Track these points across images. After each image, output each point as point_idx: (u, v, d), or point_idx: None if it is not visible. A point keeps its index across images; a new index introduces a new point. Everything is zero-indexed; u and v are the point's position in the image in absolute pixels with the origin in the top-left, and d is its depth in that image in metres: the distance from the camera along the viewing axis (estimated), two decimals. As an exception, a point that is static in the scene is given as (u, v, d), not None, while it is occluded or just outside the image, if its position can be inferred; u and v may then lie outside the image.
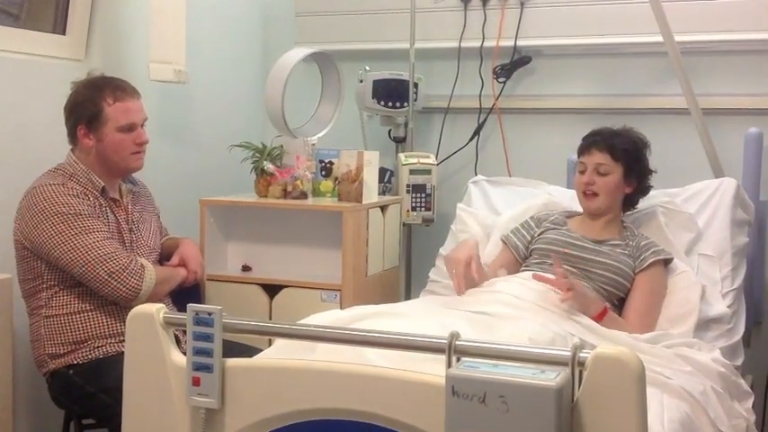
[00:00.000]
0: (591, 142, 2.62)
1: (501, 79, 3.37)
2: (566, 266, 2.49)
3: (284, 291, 2.81)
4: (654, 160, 2.69)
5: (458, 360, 1.45)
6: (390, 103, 3.35)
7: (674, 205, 2.78)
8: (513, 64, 3.35)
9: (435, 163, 3.23)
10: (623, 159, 2.58)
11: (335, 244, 2.77)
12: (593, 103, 3.27)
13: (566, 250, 2.55)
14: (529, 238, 2.69)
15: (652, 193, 2.77)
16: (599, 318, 2.37)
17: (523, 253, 2.69)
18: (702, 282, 2.58)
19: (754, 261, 2.90)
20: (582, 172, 2.62)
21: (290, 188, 2.90)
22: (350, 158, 2.87)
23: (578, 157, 2.66)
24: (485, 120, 3.42)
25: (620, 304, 2.54)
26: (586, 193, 2.60)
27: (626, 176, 2.59)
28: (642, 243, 2.58)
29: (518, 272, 2.64)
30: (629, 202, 2.67)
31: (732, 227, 2.74)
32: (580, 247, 2.55)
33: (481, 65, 3.39)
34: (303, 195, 2.91)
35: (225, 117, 3.53)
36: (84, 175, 2.43)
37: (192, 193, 3.03)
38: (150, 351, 1.66)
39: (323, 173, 3.02)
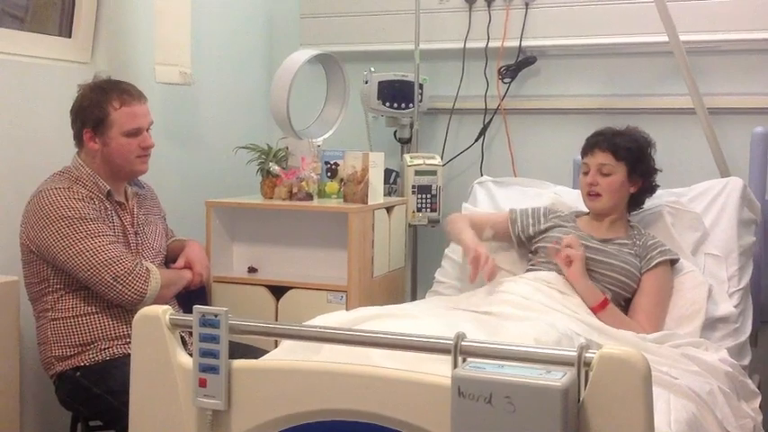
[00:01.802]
0: (593, 143, 2.62)
1: (506, 80, 3.37)
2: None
3: (290, 292, 2.81)
4: (660, 160, 2.68)
5: (464, 361, 1.45)
6: (395, 105, 3.35)
7: (680, 205, 2.77)
8: (518, 64, 3.35)
9: (441, 164, 3.23)
10: (626, 159, 2.57)
11: (341, 245, 2.77)
12: (599, 103, 3.26)
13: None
14: (530, 221, 2.70)
15: (658, 192, 2.76)
16: (599, 309, 2.37)
17: (518, 234, 2.71)
18: (709, 281, 2.57)
19: (761, 260, 2.89)
20: (585, 173, 2.62)
21: (295, 189, 2.91)
22: (355, 160, 2.87)
23: (581, 158, 2.66)
24: (490, 120, 3.42)
25: (626, 304, 2.54)
26: (590, 194, 2.60)
27: (630, 176, 2.59)
28: (649, 242, 2.57)
29: (505, 241, 2.70)
30: (635, 202, 2.67)
31: (739, 226, 2.73)
32: (586, 246, 2.55)
33: (486, 65, 3.39)
34: (308, 197, 2.91)
35: (230, 119, 3.54)
36: (89, 179, 2.43)
37: (198, 194, 3.04)
38: (157, 353, 1.67)
39: (328, 174, 3.02)
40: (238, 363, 1.63)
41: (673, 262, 2.56)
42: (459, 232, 2.65)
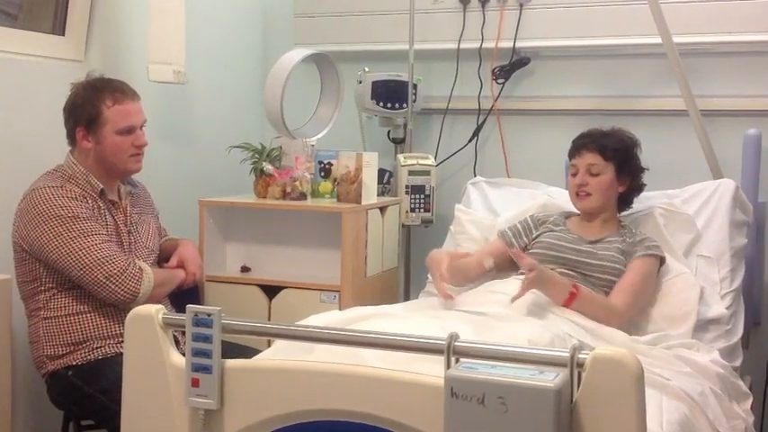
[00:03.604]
0: (581, 144, 2.63)
1: (500, 80, 3.37)
2: (562, 270, 2.49)
3: (283, 292, 2.81)
4: (652, 161, 2.69)
5: (456, 361, 1.45)
6: (389, 104, 3.35)
7: (672, 206, 2.78)
8: (512, 65, 3.35)
9: (434, 164, 3.23)
10: (614, 158, 2.58)
11: (334, 245, 2.77)
12: (592, 104, 3.27)
13: (562, 254, 2.54)
14: (526, 240, 2.69)
15: (651, 194, 2.77)
16: (569, 302, 2.33)
17: (516, 247, 2.68)
18: (701, 283, 2.58)
19: (753, 262, 2.90)
20: (574, 174, 2.62)
21: (289, 189, 2.91)
22: (349, 159, 2.87)
23: (569, 159, 2.67)
24: (484, 121, 3.43)
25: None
26: (579, 194, 2.61)
27: (618, 175, 2.60)
28: (638, 239, 2.57)
29: (509, 267, 2.64)
30: (624, 201, 2.68)
31: (731, 228, 2.74)
32: (575, 250, 2.55)
33: (480, 66, 3.39)
34: (302, 196, 2.91)
35: (224, 118, 3.53)
36: (82, 177, 2.42)
37: (191, 193, 3.03)
38: (149, 352, 1.66)
39: (322, 174, 3.02)
40: (231, 362, 1.63)
41: (659, 259, 2.55)
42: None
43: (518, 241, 2.70)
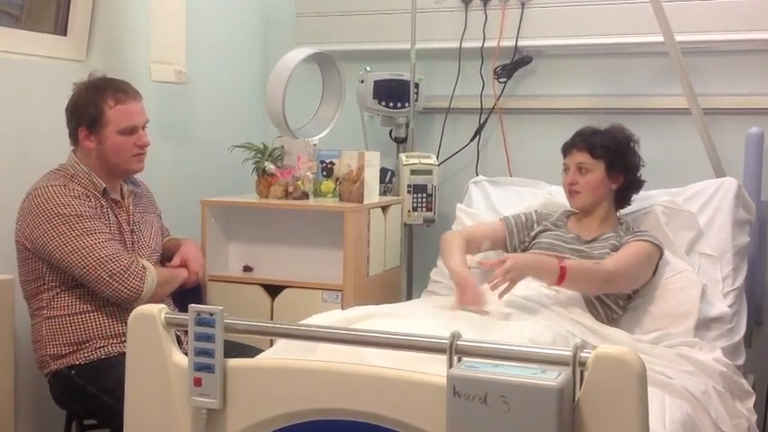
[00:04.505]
0: (571, 143, 2.66)
1: (502, 79, 3.37)
2: None
3: (285, 291, 2.81)
4: (655, 160, 2.69)
5: (459, 360, 1.45)
6: (391, 104, 3.35)
7: (674, 204, 2.78)
8: (514, 64, 3.35)
9: (436, 163, 3.23)
10: (604, 156, 2.59)
11: (337, 244, 2.78)
12: (594, 103, 3.27)
13: (562, 255, 2.54)
14: (525, 232, 2.70)
15: (653, 192, 2.77)
16: (560, 282, 2.33)
17: (516, 239, 2.70)
18: (703, 281, 2.58)
19: (756, 261, 2.90)
20: (566, 172, 2.64)
21: (291, 188, 2.91)
22: (351, 159, 2.87)
23: (563, 158, 2.68)
24: (486, 120, 3.42)
25: (623, 303, 2.53)
26: (571, 192, 2.63)
27: (609, 172, 2.60)
28: (633, 231, 2.58)
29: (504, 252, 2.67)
30: (622, 198, 2.68)
31: (733, 226, 2.74)
32: (573, 250, 2.55)
33: (482, 65, 3.39)
34: (304, 196, 2.91)
35: (226, 118, 3.53)
36: (85, 177, 2.43)
37: (194, 193, 3.04)
38: (152, 351, 1.67)
39: (324, 173, 3.02)
40: (233, 362, 1.63)
41: (656, 246, 2.53)
42: (448, 258, 2.58)
43: (520, 232, 2.70)
